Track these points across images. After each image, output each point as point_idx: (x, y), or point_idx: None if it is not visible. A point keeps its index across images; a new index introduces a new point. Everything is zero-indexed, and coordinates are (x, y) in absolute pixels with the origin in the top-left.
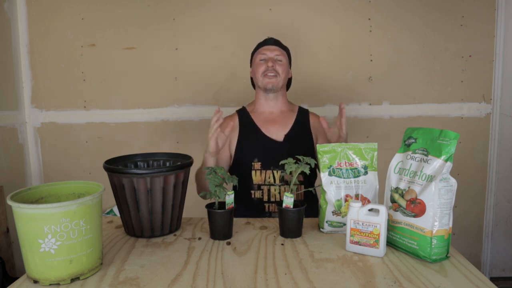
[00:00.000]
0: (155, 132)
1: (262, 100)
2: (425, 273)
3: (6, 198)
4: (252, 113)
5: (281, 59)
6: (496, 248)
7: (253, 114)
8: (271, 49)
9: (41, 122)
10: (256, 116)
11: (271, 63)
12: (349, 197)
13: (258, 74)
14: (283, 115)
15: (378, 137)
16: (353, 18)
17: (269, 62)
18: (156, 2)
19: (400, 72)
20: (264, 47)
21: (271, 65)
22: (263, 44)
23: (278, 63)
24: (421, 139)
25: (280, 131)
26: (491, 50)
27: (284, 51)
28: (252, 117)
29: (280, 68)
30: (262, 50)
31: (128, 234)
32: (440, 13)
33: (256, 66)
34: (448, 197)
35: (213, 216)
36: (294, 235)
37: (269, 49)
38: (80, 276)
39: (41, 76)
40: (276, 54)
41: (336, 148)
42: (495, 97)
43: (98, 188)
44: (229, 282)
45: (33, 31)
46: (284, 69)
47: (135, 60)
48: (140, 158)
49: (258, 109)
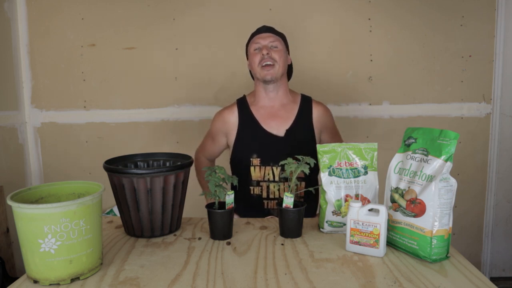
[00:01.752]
0: (155, 132)
1: (262, 93)
2: (425, 273)
3: (6, 198)
4: (252, 106)
5: (276, 45)
6: (496, 248)
7: (253, 108)
8: (264, 36)
9: (41, 122)
10: (256, 110)
11: (266, 50)
12: (349, 197)
13: (255, 65)
14: (285, 108)
15: (378, 137)
16: (353, 18)
17: (264, 50)
18: (156, 2)
19: (400, 72)
20: (257, 36)
21: (266, 52)
22: (256, 33)
23: (273, 50)
24: (421, 139)
25: (281, 126)
26: (491, 50)
27: (278, 37)
28: (252, 110)
29: (277, 55)
30: (256, 39)
31: (128, 234)
32: (440, 13)
33: (251, 56)
34: (448, 197)
35: (213, 216)
36: (294, 235)
37: (262, 37)
38: (80, 276)
39: (41, 76)
40: (270, 41)
41: (336, 148)
42: (495, 97)
43: (98, 188)
44: (229, 282)
45: (33, 31)
46: (281, 55)
47: (135, 60)
48: (140, 158)
49: (258, 102)
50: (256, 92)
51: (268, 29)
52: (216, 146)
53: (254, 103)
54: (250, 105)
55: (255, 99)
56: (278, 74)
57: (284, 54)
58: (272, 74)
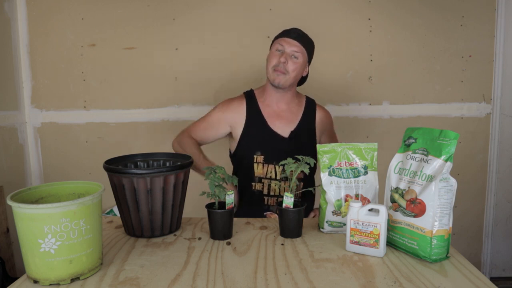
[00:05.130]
0: (155, 132)
1: (270, 91)
2: (425, 273)
3: (6, 198)
4: (260, 102)
5: (297, 56)
6: (496, 248)
7: (261, 104)
8: (291, 43)
9: (41, 122)
10: (264, 107)
11: (284, 58)
12: (349, 197)
13: (270, 65)
14: (291, 110)
15: (378, 137)
16: (353, 18)
17: (282, 57)
18: (156, 2)
19: (400, 72)
20: (284, 39)
21: (284, 61)
22: (285, 34)
23: (292, 60)
24: (421, 139)
25: (287, 127)
26: (491, 50)
27: (304, 49)
28: (260, 107)
29: (292, 67)
30: (282, 41)
31: (128, 234)
32: (440, 13)
33: (271, 55)
34: (448, 197)
35: (213, 216)
36: (294, 235)
37: (288, 42)
38: (80, 276)
39: (41, 76)
40: (293, 50)
41: (336, 148)
42: (495, 97)
43: (98, 188)
44: (229, 282)
45: (33, 31)
46: (296, 68)
47: (135, 60)
48: (140, 158)
49: (266, 99)
50: (265, 87)
51: (298, 36)
52: (212, 133)
53: (261, 100)
54: (258, 101)
55: (264, 95)
56: (286, 84)
57: (300, 68)
58: (279, 81)
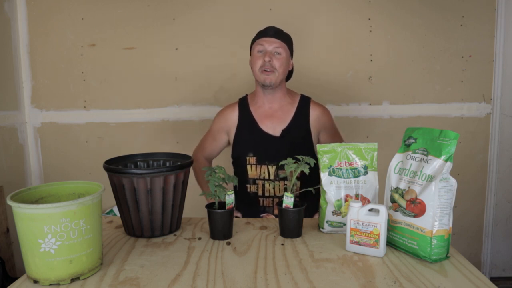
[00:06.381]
0: (155, 132)
1: (260, 93)
2: (425, 273)
3: (6, 198)
4: (251, 106)
5: (280, 51)
6: (496, 248)
7: (252, 107)
8: (270, 41)
9: (41, 122)
10: (255, 109)
11: (268, 57)
12: (349, 197)
13: (256, 67)
14: (282, 109)
15: (378, 137)
16: (353, 18)
17: (266, 56)
18: (156, 2)
19: (400, 72)
20: (263, 39)
21: (268, 60)
22: (262, 34)
23: (276, 57)
24: (421, 139)
25: (278, 126)
26: (491, 50)
27: (284, 43)
28: (251, 110)
29: (278, 63)
30: (261, 41)
31: (128, 234)
32: (440, 13)
33: (253, 58)
34: (448, 197)
35: (213, 216)
36: (294, 235)
37: (268, 41)
38: (80, 276)
39: (41, 76)
40: (275, 46)
41: (336, 148)
42: (495, 97)
43: (98, 188)
44: (229, 282)
45: (33, 31)
46: (282, 63)
47: (135, 60)
48: (140, 158)
49: (257, 102)
50: (255, 92)
51: (275, 33)
52: (217, 144)
53: (253, 103)
54: (250, 105)
55: (254, 98)
56: (277, 81)
57: (285, 62)
58: (270, 80)
